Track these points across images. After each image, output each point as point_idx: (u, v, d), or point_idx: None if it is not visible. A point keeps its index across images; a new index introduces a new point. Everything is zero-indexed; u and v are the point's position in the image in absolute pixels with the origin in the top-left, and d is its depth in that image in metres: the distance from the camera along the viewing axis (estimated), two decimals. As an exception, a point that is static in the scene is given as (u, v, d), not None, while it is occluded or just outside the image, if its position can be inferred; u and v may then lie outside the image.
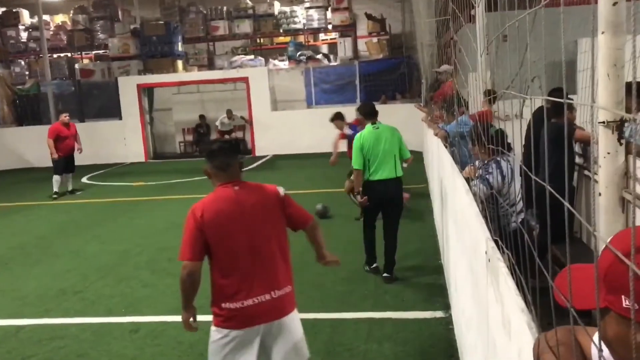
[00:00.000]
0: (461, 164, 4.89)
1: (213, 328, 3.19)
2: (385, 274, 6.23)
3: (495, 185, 4.16)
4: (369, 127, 6.45)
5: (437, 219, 7.66)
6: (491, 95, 5.17)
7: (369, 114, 6.58)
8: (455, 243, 4.31)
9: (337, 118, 9.44)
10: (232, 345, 3.13)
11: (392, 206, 6.29)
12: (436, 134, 7.13)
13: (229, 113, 17.56)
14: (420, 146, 14.19)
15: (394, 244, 6.30)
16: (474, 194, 3.56)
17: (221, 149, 3.31)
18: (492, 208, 3.92)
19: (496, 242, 2.30)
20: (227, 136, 17.61)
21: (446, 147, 6.16)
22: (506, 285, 1.90)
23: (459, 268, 4.04)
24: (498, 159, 4.23)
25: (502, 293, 1.96)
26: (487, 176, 4.15)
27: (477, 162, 4.48)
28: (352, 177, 6.58)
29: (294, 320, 3.26)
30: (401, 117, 15.66)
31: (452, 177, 4.60)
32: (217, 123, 17.57)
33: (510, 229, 4.14)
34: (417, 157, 13.89)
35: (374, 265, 6.50)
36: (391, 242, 6.31)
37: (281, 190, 3.35)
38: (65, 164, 12.51)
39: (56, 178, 12.59)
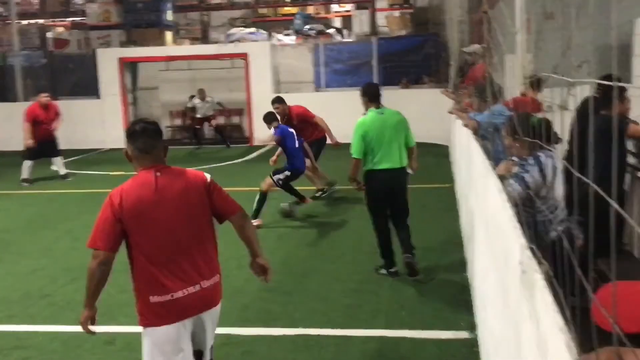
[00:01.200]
0: (494, 160, 4.90)
1: (144, 331, 3.40)
2: (405, 254, 6.52)
3: (533, 186, 4.16)
4: (372, 112, 6.61)
5: (463, 223, 7.67)
6: (534, 79, 5.17)
7: (373, 96, 6.70)
8: (485, 252, 4.32)
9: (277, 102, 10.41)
10: (167, 341, 3.36)
11: (397, 197, 6.60)
12: (466, 125, 7.13)
13: (202, 93, 17.32)
14: (447, 139, 14.19)
15: (407, 232, 6.64)
16: (509, 195, 3.57)
17: (144, 130, 3.47)
18: (529, 212, 3.94)
19: (532, 251, 2.32)
20: (207, 123, 17.54)
21: (477, 140, 6.16)
22: (543, 301, 1.91)
23: (487, 281, 4.05)
24: (539, 154, 4.22)
25: (538, 310, 1.98)
26: (524, 174, 4.15)
27: (514, 158, 4.48)
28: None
29: (219, 309, 3.60)
30: (425, 105, 15.68)
31: (483, 174, 4.61)
32: (189, 105, 17.51)
33: (549, 238, 4.16)
34: (443, 152, 14.05)
35: (394, 269, 6.64)
36: (404, 231, 6.64)
37: (208, 177, 3.58)
38: (39, 150, 12.64)
39: (27, 163, 12.77)
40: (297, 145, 9.17)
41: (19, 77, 18.71)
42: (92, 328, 3.49)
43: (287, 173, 8.98)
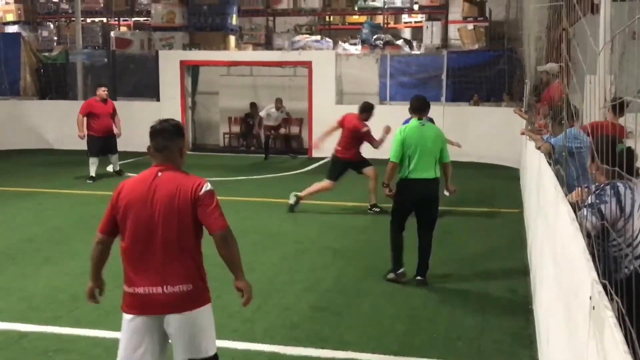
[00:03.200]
0: (567, 186, 4.80)
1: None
2: (418, 277, 7.06)
3: (608, 217, 4.05)
4: (414, 121, 7.23)
5: (531, 253, 7.53)
6: (616, 102, 5.06)
7: (418, 108, 7.36)
8: (552, 284, 4.23)
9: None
10: (130, 330, 3.77)
11: (428, 207, 7.11)
12: (538, 147, 7.02)
13: (279, 103, 17.45)
14: (518, 161, 13.98)
15: (429, 245, 7.13)
16: (581, 225, 3.50)
17: (162, 130, 3.86)
18: (602, 245, 3.83)
19: (604, 286, 2.27)
20: (272, 132, 17.59)
21: (549, 164, 6.05)
22: (613, 340, 1.87)
23: (553, 315, 3.97)
24: (617, 183, 4.11)
25: (607, 349, 1.93)
26: (601, 205, 4.05)
27: (592, 186, 4.38)
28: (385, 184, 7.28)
29: (194, 317, 3.76)
30: (496, 124, 15.51)
31: (554, 201, 4.53)
32: (263, 114, 17.55)
33: (624, 273, 4.04)
34: (513, 175, 13.85)
35: (401, 270, 7.16)
36: (426, 242, 7.13)
37: (205, 187, 3.78)
38: (101, 145, 13.22)
39: (92, 160, 13.31)
40: None
41: (80, 75, 19.31)
42: (98, 298, 4.06)
43: None
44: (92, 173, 13.28)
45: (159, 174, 3.81)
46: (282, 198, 11.64)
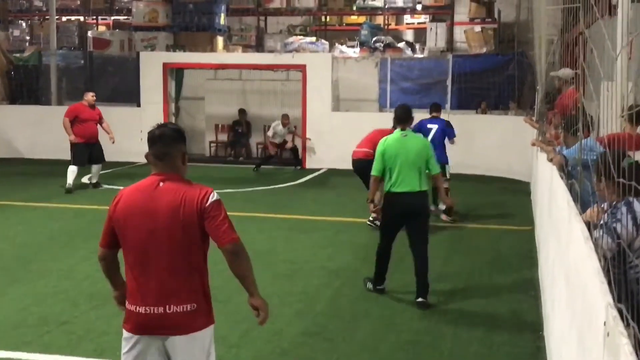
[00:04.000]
0: (582, 203, 4.80)
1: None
2: (419, 299, 7.12)
3: (624, 236, 4.05)
4: (397, 133, 7.43)
5: (543, 274, 7.53)
6: (634, 110, 5.07)
7: (402, 119, 7.54)
8: (565, 308, 4.23)
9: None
10: (129, 350, 3.75)
11: (416, 221, 7.28)
12: (550, 160, 7.04)
13: (285, 119, 17.26)
14: (529, 175, 14.00)
15: (426, 264, 7.23)
16: (596, 246, 3.50)
17: (162, 137, 3.83)
18: (618, 267, 3.83)
19: (620, 311, 2.26)
20: (279, 149, 17.50)
21: (562, 177, 6.06)
22: (628, 370, 1.86)
23: (566, 341, 3.96)
24: (631, 200, 4.12)
25: (622, 380, 1.92)
26: (615, 224, 4.05)
27: (604, 205, 4.38)
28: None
29: (199, 340, 3.74)
30: (505, 134, 15.56)
31: (567, 219, 4.53)
32: (270, 133, 17.40)
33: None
34: (524, 189, 13.87)
35: (382, 286, 7.47)
36: (422, 261, 7.23)
37: (212, 197, 3.75)
38: (87, 152, 13.34)
39: (72, 169, 13.36)
40: None
41: (54, 78, 19.27)
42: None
43: None
44: (70, 182, 13.28)
45: (161, 183, 3.78)
46: (273, 213, 11.64)
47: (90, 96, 13.62)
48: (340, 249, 9.45)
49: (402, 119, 7.52)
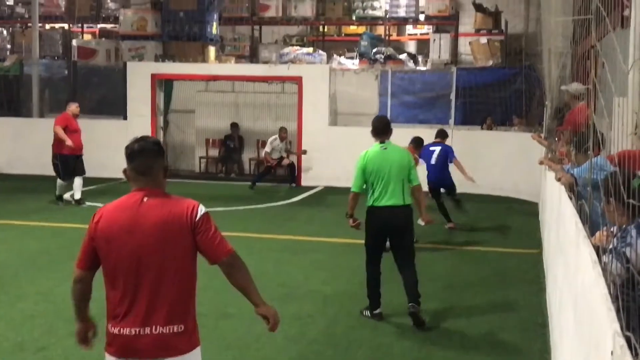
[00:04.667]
0: (592, 224, 4.79)
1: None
2: (411, 304, 7.22)
3: (634, 261, 4.04)
4: (376, 146, 7.57)
5: (550, 300, 7.51)
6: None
7: (380, 131, 7.62)
8: (572, 336, 4.21)
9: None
10: None
11: (399, 236, 7.44)
12: (559, 179, 7.03)
13: (283, 132, 17.20)
14: (537, 195, 14.00)
15: (414, 277, 7.37)
16: (604, 271, 3.48)
17: (142, 150, 3.85)
18: (628, 293, 3.81)
19: (628, 340, 2.25)
20: (272, 168, 17.43)
21: (571, 198, 6.06)
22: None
23: (573, 374, 3.94)
24: (641, 222, 4.11)
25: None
26: (625, 248, 4.04)
27: (614, 228, 4.37)
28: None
29: None
30: (512, 151, 15.56)
31: (575, 242, 4.51)
32: (268, 149, 17.37)
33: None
34: (532, 210, 13.86)
35: (378, 310, 7.47)
36: (409, 275, 7.36)
37: (200, 210, 3.81)
38: (74, 165, 13.63)
39: (62, 183, 13.68)
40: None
41: (36, 88, 19.30)
42: (89, 342, 3.98)
43: None
44: (60, 192, 13.68)
45: (145, 199, 3.79)
46: (265, 233, 11.61)
47: (75, 107, 13.89)
48: (336, 273, 9.42)
49: (381, 131, 7.60)
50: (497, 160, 15.96)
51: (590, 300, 3.22)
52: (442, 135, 12.74)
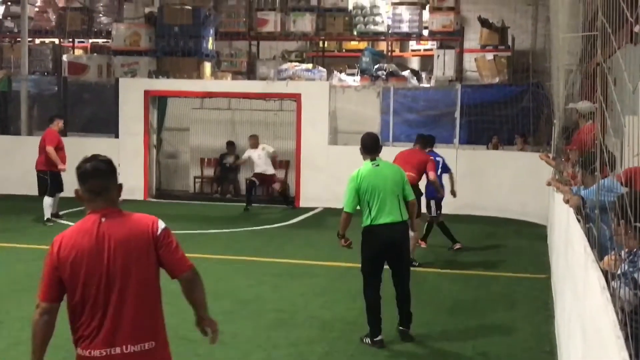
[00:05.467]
0: (600, 248, 4.79)
1: None
2: (401, 327, 7.54)
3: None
4: (367, 164, 7.64)
5: (559, 327, 7.49)
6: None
7: (371, 148, 7.73)
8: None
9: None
10: None
11: (398, 253, 7.58)
12: (567, 201, 7.04)
13: (252, 139, 17.26)
14: (544, 217, 14.00)
15: (407, 293, 7.65)
16: (613, 297, 3.49)
17: (95, 170, 3.97)
18: (637, 320, 3.81)
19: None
20: (256, 181, 17.34)
21: (579, 220, 6.06)
22: None
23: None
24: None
25: None
26: (635, 273, 4.04)
27: (623, 252, 4.38)
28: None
29: None
30: (520, 171, 15.56)
31: (584, 267, 4.51)
32: (246, 155, 17.41)
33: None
34: (540, 233, 13.84)
35: (379, 337, 7.44)
36: (404, 292, 7.63)
37: (160, 225, 3.99)
38: (59, 180, 14.09)
39: (51, 201, 14.01)
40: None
41: (25, 105, 19.32)
42: None
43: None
44: (53, 211, 14.02)
45: (103, 219, 3.91)
46: (261, 256, 11.60)
47: (61, 123, 14.54)
48: (335, 298, 9.41)
49: (371, 148, 7.70)
50: (503, 181, 15.96)
51: (599, 327, 3.22)
52: (431, 143, 12.43)
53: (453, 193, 12.66)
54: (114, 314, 3.82)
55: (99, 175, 3.96)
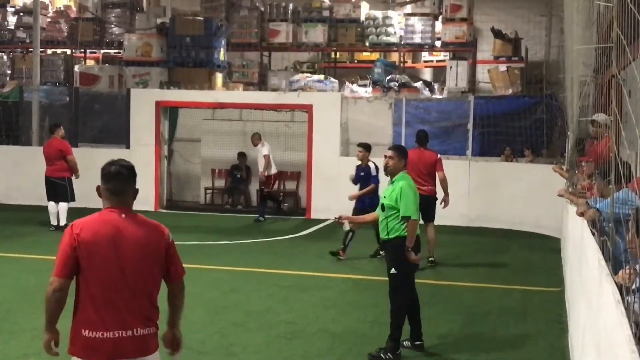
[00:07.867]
0: (615, 262, 4.76)
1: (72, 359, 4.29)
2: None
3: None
4: (404, 173, 7.85)
5: (573, 342, 7.44)
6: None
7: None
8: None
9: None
10: None
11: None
12: (581, 214, 7.00)
13: (255, 138, 17.19)
14: (558, 230, 13.94)
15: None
16: (628, 311, 3.46)
17: (118, 174, 4.41)
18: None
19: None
20: (265, 189, 17.34)
21: (593, 233, 6.03)
22: None
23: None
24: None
25: None
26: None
27: (638, 266, 4.35)
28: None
29: (155, 357, 4.40)
30: (533, 183, 15.51)
31: (598, 280, 4.49)
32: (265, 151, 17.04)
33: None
34: (554, 246, 13.78)
35: (419, 342, 7.70)
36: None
37: (169, 233, 4.47)
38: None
39: (66, 206, 14.34)
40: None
41: (36, 116, 19.40)
42: (56, 350, 4.37)
43: None
44: (65, 220, 14.11)
45: (122, 215, 4.36)
46: (271, 268, 11.58)
47: (63, 131, 15.06)
48: (346, 310, 9.38)
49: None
50: (517, 193, 15.91)
51: (613, 341, 3.19)
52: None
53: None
54: (125, 300, 4.24)
55: (121, 178, 4.39)
